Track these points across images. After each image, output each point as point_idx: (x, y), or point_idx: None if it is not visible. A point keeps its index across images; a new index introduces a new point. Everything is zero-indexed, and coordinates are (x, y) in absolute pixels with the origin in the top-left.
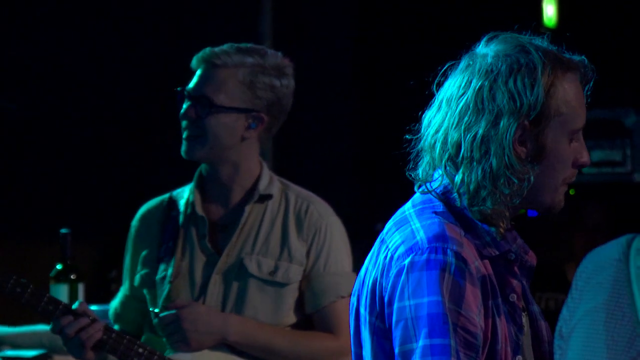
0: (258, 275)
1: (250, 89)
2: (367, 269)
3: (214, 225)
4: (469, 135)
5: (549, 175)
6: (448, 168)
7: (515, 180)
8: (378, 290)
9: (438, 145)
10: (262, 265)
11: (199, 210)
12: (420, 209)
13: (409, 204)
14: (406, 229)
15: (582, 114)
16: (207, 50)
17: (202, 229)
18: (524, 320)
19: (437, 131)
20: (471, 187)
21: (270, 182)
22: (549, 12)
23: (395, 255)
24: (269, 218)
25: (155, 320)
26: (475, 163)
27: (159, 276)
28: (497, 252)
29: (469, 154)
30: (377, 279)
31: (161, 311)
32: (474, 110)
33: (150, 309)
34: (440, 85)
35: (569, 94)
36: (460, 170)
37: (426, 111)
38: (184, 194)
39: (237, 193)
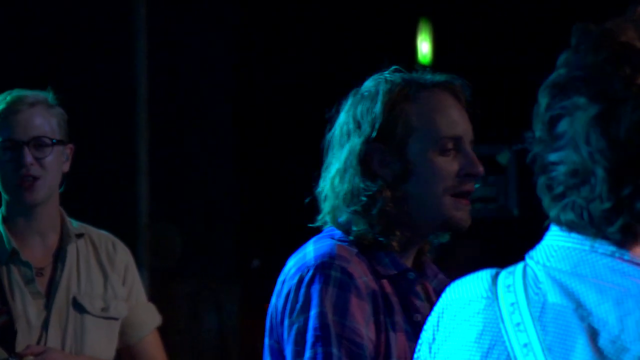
0: (93, 313)
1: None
2: (271, 300)
3: (37, 268)
4: (333, 169)
5: (424, 189)
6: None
7: (379, 202)
8: (274, 313)
9: (327, 183)
10: (95, 303)
11: (23, 255)
12: (318, 237)
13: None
14: (300, 253)
15: (448, 123)
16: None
17: (29, 274)
18: None
19: (327, 168)
20: (344, 215)
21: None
22: (424, 49)
23: (287, 277)
24: (84, 257)
25: None
26: (339, 191)
27: None
28: (395, 272)
29: (333, 185)
30: (274, 303)
31: (19, 359)
32: (338, 144)
33: (7, 359)
34: (331, 120)
35: (423, 109)
36: (336, 201)
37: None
38: None
39: (54, 234)
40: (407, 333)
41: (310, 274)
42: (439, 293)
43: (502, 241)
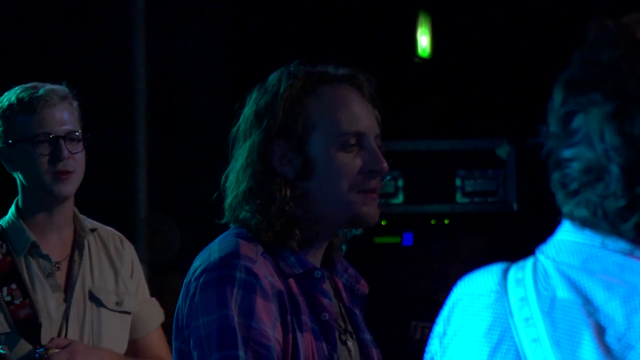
0: (108, 307)
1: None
2: (177, 302)
3: (55, 262)
4: (237, 164)
5: (327, 186)
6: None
7: (277, 200)
8: (180, 315)
9: (231, 178)
10: (109, 297)
11: (43, 248)
12: (224, 236)
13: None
14: (205, 253)
15: (350, 119)
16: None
17: (48, 267)
18: (349, 340)
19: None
20: (243, 212)
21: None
22: (423, 42)
23: (193, 278)
24: (95, 252)
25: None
26: (240, 188)
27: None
28: (301, 270)
29: (235, 181)
30: (179, 304)
31: (45, 351)
32: (242, 139)
33: (32, 351)
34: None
35: (324, 104)
36: (236, 198)
37: None
38: (14, 230)
39: (69, 228)
40: (315, 332)
41: (215, 274)
42: (349, 288)
43: (501, 235)
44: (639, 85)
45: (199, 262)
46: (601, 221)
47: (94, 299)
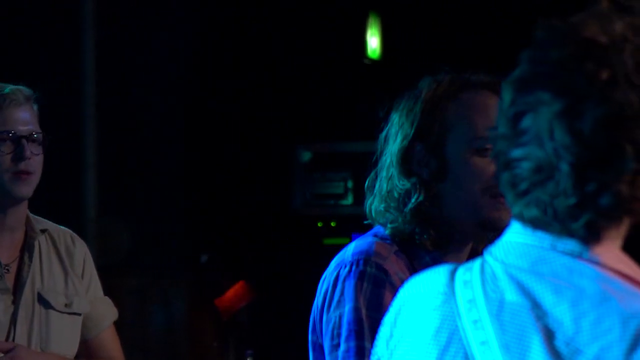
0: (57, 308)
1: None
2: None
3: (4, 264)
4: (382, 167)
5: (460, 188)
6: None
7: (413, 198)
8: (315, 309)
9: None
10: (58, 299)
11: None
12: (364, 235)
13: None
14: (342, 251)
15: (486, 124)
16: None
17: None
18: None
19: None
20: (380, 211)
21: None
22: (373, 44)
23: (328, 274)
24: (45, 252)
25: None
26: (382, 189)
27: None
28: None
29: (378, 182)
30: (315, 300)
31: None
32: (388, 143)
33: None
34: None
35: (462, 108)
36: (377, 198)
37: None
38: None
39: (20, 229)
40: None
41: (346, 270)
42: None
43: None
44: (587, 83)
45: (335, 259)
46: (552, 221)
47: (42, 301)
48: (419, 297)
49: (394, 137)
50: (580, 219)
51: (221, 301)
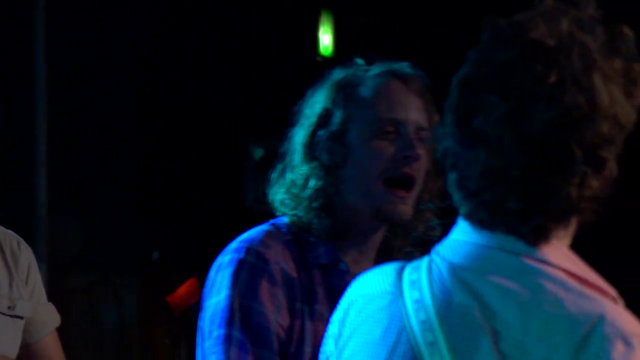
0: (1, 311)
1: None
2: None
3: None
4: (285, 158)
5: (358, 172)
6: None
7: (311, 182)
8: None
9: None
10: (2, 301)
11: None
12: (264, 223)
13: None
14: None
15: (387, 107)
16: None
17: None
18: None
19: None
20: (279, 196)
21: None
22: (325, 41)
23: (216, 261)
24: None
25: None
26: (285, 178)
27: None
28: (326, 261)
29: (282, 172)
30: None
31: None
32: (295, 133)
33: None
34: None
35: (367, 94)
36: (280, 187)
37: None
38: None
39: None
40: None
41: (228, 257)
42: None
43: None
44: (535, 85)
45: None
46: (500, 223)
47: None
48: (367, 296)
49: (300, 126)
50: (529, 222)
51: (173, 298)
